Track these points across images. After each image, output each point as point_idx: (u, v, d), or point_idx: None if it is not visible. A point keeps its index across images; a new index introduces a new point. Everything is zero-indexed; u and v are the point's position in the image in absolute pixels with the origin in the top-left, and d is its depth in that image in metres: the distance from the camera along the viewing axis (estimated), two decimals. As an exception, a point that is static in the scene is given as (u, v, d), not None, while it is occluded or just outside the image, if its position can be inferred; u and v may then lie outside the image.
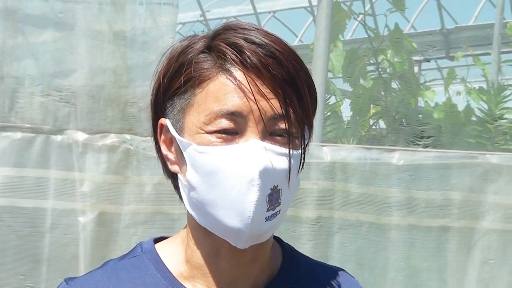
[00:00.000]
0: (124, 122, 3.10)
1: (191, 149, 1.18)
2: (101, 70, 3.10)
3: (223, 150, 1.15)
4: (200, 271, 1.25)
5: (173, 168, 1.25)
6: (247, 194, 1.13)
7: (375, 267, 3.42)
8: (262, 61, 1.15)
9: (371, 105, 4.22)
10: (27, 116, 3.01)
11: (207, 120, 1.16)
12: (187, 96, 1.20)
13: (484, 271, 3.45)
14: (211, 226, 1.19)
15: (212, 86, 1.17)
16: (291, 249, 1.35)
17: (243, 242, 1.17)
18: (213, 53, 1.19)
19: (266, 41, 1.17)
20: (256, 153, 1.14)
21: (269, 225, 1.17)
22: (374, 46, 4.24)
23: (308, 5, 12.17)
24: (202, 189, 1.18)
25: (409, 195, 3.43)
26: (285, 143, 1.17)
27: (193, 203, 1.21)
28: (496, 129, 3.91)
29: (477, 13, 11.22)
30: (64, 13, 3.08)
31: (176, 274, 1.25)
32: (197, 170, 1.18)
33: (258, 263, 1.26)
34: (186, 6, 11.53)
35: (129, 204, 3.08)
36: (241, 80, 1.16)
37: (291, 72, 1.17)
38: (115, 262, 1.30)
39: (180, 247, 1.28)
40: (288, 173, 1.16)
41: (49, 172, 3.01)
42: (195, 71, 1.18)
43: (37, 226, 2.99)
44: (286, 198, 1.18)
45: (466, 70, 5.70)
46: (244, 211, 1.14)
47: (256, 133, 1.15)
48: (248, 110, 1.15)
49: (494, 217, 3.43)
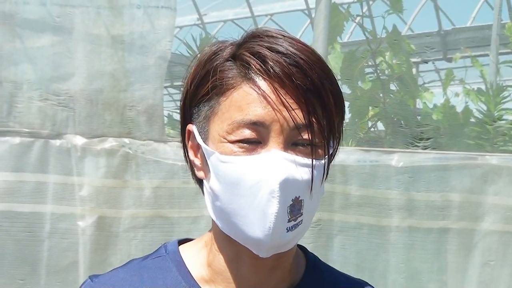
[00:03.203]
0: (122, 126, 3.09)
1: (214, 158, 1.18)
2: (99, 74, 3.09)
3: (245, 160, 1.15)
4: (221, 276, 1.25)
5: (199, 174, 1.25)
6: (268, 205, 1.14)
7: (376, 270, 3.42)
8: (285, 70, 1.15)
9: (369, 107, 4.21)
10: (26, 120, 3.00)
11: (229, 129, 1.17)
12: (212, 103, 1.20)
13: (484, 273, 3.45)
14: (234, 234, 1.20)
15: (235, 95, 1.17)
16: (314, 258, 1.35)
17: (265, 252, 1.17)
18: (238, 61, 1.19)
19: (291, 50, 1.16)
20: (277, 164, 1.14)
21: (291, 235, 1.17)
22: (372, 48, 4.23)
23: (305, 8, 12.18)
24: (224, 198, 1.18)
25: (409, 197, 3.42)
26: (308, 153, 1.17)
27: (216, 210, 1.21)
28: (495, 130, 3.91)
29: (475, 15, 11.23)
30: (62, 17, 3.08)
31: (198, 277, 1.26)
32: (219, 179, 1.18)
33: (279, 271, 1.26)
34: (183, 10, 11.53)
35: (128, 208, 3.07)
36: (264, 90, 1.16)
37: (315, 82, 1.16)
38: (139, 261, 1.31)
39: (203, 251, 1.28)
40: (310, 184, 1.16)
41: (48, 177, 3.00)
42: (220, 79, 1.18)
43: (36, 231, 2.99)
44: (308, 208, 1.17)
45: (464, 71, 5.70)
46: (265, 222, 1.14)
47: (278, 143, 1.15)
48: (270, 120, 1.15)
49: (494, 218, 3.43)
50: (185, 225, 3.06)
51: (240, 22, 12.94)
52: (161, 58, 3.13)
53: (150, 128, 3.09)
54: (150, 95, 3.10)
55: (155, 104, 3.09)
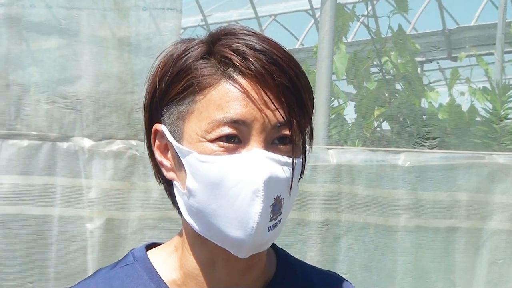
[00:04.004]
0: (129, 128, 3.10)
1: (192, 157, 1.15)
2: (106, 76, 3.10)
3: (226, 159, 1.13)
4: (194, 280, 1.22)
5: (169, 175, 1.21)
6: (251, 205, 1.12)
7: (383, 269, 3.42)
8: (266, 68, 1.13)
9: (375, 107, 4.21)
10: (33, 123, 3.01)
11: (209, 128, 1.14)
12: (186, 102, 1.17)
13: (492, 272, 3.44)
14: (212, 235, 1.17)
15: (214, 93, 1.15)
16: (285, 255, 1.34)
17: (245, 252, 1.15)
18: (215, 58, 1.16)
19: (266, 47, 1.15)
20: (260, 163, 1.12)
21: (271, 235, 1.15)
22: (377, 48, 4.23)
23: (309, 8, 12.17)
24: (203, 199, 1.15)
25: (416, 196, 3.42)
26: (287, 152, 1.15)
27: (192, 211, 1.18)
28: (502, 129, 3.90)
29: (479, 14, 11.22)
30: (68, 20, 3.09)
31: (169, 282, 1.23)
32: (198, 179, 1.15)
33: (253, 271, 1.24)
34: (187, 11, 11.54)
35: (136, 210, 3.08)
36: (245, 87, 1.14)
37: (293, 79, 1.15)
38: (107, 271, 1.27)
39: (173, 255, 1.25)
40: (290, 182, 1.15)
41: (55, 179, 3.01)
42: (195, 77, 1.15)
43: (45, 234, 2.99)
44: (287, 207, 1.16)
45: (469, 70, 5.69)
46: (248, 222, 1.12)
47: (259, 142, 1.13)
48: (252, 119, 1.13)
49: (502, 217, 3.43)
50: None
51: (244, 23, 12.93)
52: (168, 60, 3.13)
53: (157, 130, 3.08)
54: (157, 97, 3.10)
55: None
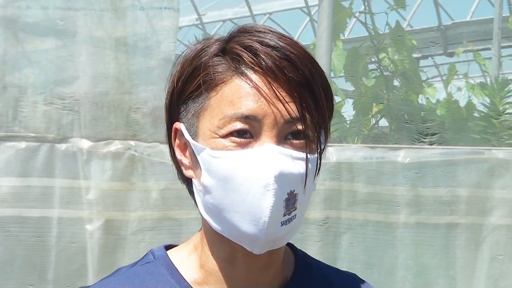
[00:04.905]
0: (128, 128, 3.09)
1: (205, 153, 1.16)
2: (104, 77, 3.09)
3: (238, 154, 1.14)
4: (214, 277, 1.23)
5: (187, 173, 1.23)
6: (263, 199, 1.12)
7: (384, 266, 3.41)
8: (277, 64, 1.14)
9: (373, 104, 4.21)
10: (31, 125, 3.00)
11: (221, 124, 1.15)
12: (201, 100, 1.19)
13: (493, 267, 3.44)
14: (227, 231, 1.18)
15: (226, 90, 1.16)
16: (303, 255, 1.34)
17: (259, 248, 1.16)
18: (228, 56, 1.18)
19: (281, 44, 1.15)
20: (271, 157, 1.13)
21: (285, 230, 1.16)
22: (375, 45, 4.23)
23: (304, 6, 12.16)
24: (217, 194, 1.16)
25: (416, 192, 3.41)
26: (301, 147, 1.16)
27: (208, 208, 1.19)
28: (501, 124, 3.90)
29: (474, 9, 11.22)
30: (65, 20, 3.07)
31: (190, 280, 1.24)
32: (211, 174, 1.16)
33: (272, 269, 1.25)
34: (182, 10, 11.50)
35: (135, 211, 3.07)
36: (256, 83, 1.14)
37: (306, 75, 1.15)
38: (127, 269, 1.28)
39: (193, 254, 1.27)
40: (305, 178, 1.15)
41: (54, 181, 2.99)
42: (209, 75, 1.17)
43: (44, 236, 2.98)
44: (302, 202, 1.16)
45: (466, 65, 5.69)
46: (260, 216, 1.13)
47: (271, 137, 1.14)
48: (263, 114, 1.14)
49: (502, 212, 3.42)
50: (194, 226, 3.05)
51: (238, 21, 12.86)
52: (165, 60, 3.13)
53: (156, 130, 3.08)
54: (155, 97, 3.09)
55: (160, 106, 3.08)
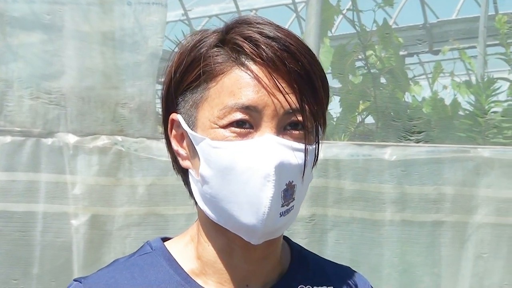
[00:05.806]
0: (115, 123, 3.08)
1: (205, 143, 1.17)
2: (91, 72, 3.07)
3: (238, 145, 1.14)
4: (212, 268, 1.24)
5: (184, 164, 1.24)
6: (263, 190, 1.13)
7: (370, 264, 3.42)
8: (277, 55, 1.14)
9: (360, 101, 4.21)
10: (17, 119, 2.98)
11: (221, 115, 1.15)
12: (200, 90, 1.19)
13: (478, 265, 3.46)
14: (225, 221, 1.19)
15: (226, 80, 1.16)
16: (299, 247, 1.36)
17: (257, 238, 1.17)
18: (227, 46, 1.18)
19: (279, 35, 1.16)
20: (271, 148, 1.13)
21: (284, 221, 1.16)
22: (362, 42, 4.23)
23: (290, 2, 12.16)
24: (216, 184, 1.17)
25: (402, 190, 3.42)
26: (299, 138, 1.17)
27: (206, 198, 1.20)
28: (486, 123, 3.91)
29: (459, 7, 11.26)
30: (52, 14, 3.05)
31: (188, 271, 1.25)
32: (210, 165, 1.17)
33: (270, 260, 1.26)
34: (168, 5, 11.48)
35: (122, 206, 3.06)
36: (256, 74, 1.15)
37: (306, 67, 1.16)
38: (124, 260, 1.29)
39: (190, 245, 1.27)
40: (303, 168, 1.16)
41: (40, 176, 2.98)
42: (209, 65, 1.17)
43: (29, 230, 2.97)
44: (299, 193, 1.17)
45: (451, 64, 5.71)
46: (259, 207, 1.13)
47: (271, 128, 1.15)
48: (263, 105, 1.14)
49: (487, 210, 3.44)
50: (180, 222, 3.05)
51: (224, 16, 12.87)
52: (153, 55, 3.12)
53: (143, 125, 3.07)
54: (142, 92, 3.08)
55: (147, 101, 3.08)
